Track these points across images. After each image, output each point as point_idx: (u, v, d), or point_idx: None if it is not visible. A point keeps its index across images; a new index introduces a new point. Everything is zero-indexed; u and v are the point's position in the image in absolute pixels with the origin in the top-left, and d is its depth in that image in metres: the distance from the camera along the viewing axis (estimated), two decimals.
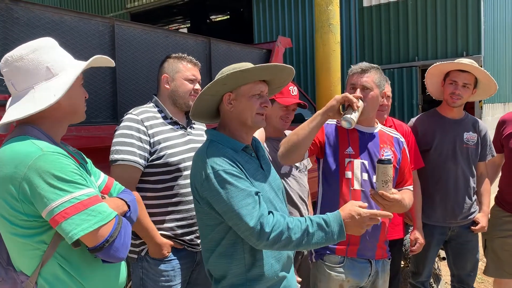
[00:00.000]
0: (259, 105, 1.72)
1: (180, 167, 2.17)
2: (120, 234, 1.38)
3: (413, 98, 7.75)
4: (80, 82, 1.50)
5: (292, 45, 5.22)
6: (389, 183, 1.94)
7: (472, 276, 3.07)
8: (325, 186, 2.30)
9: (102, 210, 1.36)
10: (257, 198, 1.61)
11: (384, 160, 1.93)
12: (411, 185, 2.36)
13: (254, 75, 1.70)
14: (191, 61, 2.33)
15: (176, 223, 2.17)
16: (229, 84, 1.69)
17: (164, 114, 2.25)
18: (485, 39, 7.39)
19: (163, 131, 2.19)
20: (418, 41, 7.72)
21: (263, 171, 1.79)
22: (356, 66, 2.27)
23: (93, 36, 2.84)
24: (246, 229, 1.58)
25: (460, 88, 2.84)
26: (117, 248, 1.37)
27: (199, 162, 1.68)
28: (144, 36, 3.15)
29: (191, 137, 2.29)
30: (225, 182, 1.59)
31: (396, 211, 2.15)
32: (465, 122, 2.99)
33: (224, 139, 1.73)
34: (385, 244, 2.30)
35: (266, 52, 4.21)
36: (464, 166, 2.92)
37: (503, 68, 8.78)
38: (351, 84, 2.25)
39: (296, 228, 1.61)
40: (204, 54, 3.57)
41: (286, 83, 1.91)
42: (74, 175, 1.34)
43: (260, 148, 1.90)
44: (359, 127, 2.28)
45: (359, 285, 2.25)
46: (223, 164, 1.62)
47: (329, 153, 2.26)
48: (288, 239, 1.60)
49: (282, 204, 1.85)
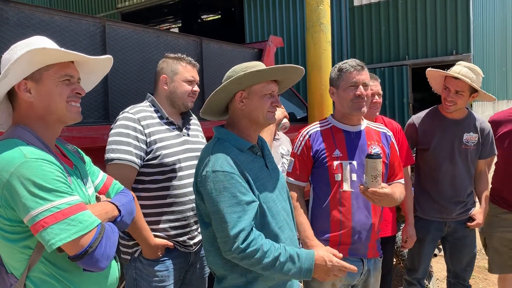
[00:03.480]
0: (270, 104, 1.76)
1: (175, 168, 2.15)
2: (101, 244, 1.34)
3: (403, 97, 7.81)
4: (59, 78, 1.42)
5: (284, 44, 5.24)
6: (379, 178, 1.95)
7: (468, 271, 3.05)
8: (315, 190, 2.30)
9: (83, 219, 1.33)
10: (246, 208, 1.61)
11: (373, 155, 1.93)
12: (402, 179, 2.36)
13: (269, 75, 1.75)
14: (190, 62, 2.31)
15: (170, 224, 2.17)
16: (244, 83, 1.72)
17: (160, 114, 2.23)
18: (474, 38, 7.46)
19: (160, 131, 2.17)
20: (408, 40, 7.78)
21: (267, 170, 1.81)
22: (352, 62, 2.23)
23: (83, 36, 2.82)
24: (224, 235, 1.60)
25: (452, 95, 2.78)
26: (97, 259, 1.34)
27: (204, 157, 1.71)
28: (135, 36, 3.14)
29: (187, 138, 2.28)
30: (220, 184, 1.61)
31: (386, 204, 2.17)
32: (466, 123, 2.92)
33: (231, 137, 1.75)
34: (376, 243, 2.31)
35: (258, 52, 4.21)
36: (462, 167, 2.89)
37: (492, 66, 8.88)
38: (351, 82, 2.20)
39: (269, 253, 1.62)
40: (196, 54, 3.57)
41: (294, 83, 1.94)
42: (56, 182, 1.31)
43: (266, 147, 1.92)
44: (344, 126, 2.28)
45: (351, 284, 2.26)
46: (224, 165, 1.63)
47: (317, 158, 2.26)
48: (258, 260, 1.60)
49: (285, 203, 1.87)
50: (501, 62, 9.68)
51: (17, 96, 1.42)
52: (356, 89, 2.19)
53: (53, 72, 1.41)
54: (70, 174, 1.46)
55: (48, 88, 1.41)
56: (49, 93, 1.41)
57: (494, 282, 4.30)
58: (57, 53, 1.40)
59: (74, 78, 1.47)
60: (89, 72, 1.59)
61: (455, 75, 2.72)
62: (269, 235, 1.71)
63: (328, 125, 2.33)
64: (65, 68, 1.44)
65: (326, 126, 2.33)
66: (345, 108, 2.25)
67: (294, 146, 2.35)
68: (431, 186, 2.94)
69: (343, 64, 2.25)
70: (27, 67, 1.37)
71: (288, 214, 1.87)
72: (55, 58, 1.41)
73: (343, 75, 2.24)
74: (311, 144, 2.28)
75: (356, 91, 2.19)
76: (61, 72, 1.42)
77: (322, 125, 2.34)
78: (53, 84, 1.41)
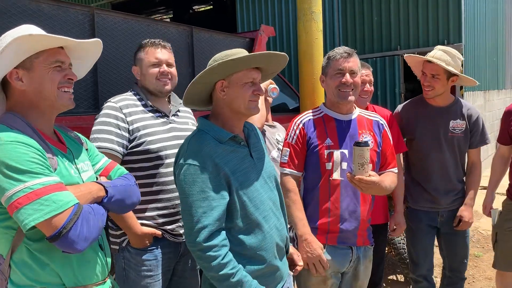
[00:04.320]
0: (251, 92, 1.72)
1: (161, 155, 2.14)
2: (76, 225, 1.32)
3: (395, 87, 7.82)
4: (50, 64, 1.44)
5: (276, 33, 5.22)
6: (366, 166, 1.95)
7: (465, 264, 2.99)
8: (306, 178, 2.30)
9: (58, 199, 1.31)
10: (214, 205, 1.61)
11: (360, 143, 1.92)
12: (395, 167, 2.35)
13: (245, 63, 1.70)
14: (153, 44, 2.23)
15: (158, 212, 2.16)
16: (221, 73, 1.69)
17: (144, 102, 2.22)
18: (466, 28, 7.48)
19: (143, 119, 2.16)
20: (400, 30, 7.78)
21: (252, 159, 1.79)
22: (339, 50, 2.22)
23: (72, 25, 2.78)
24: (188, 227, 1.62)
25: (429, 79, 2.74)
26: (72, 240, 1.31)
27: (181, 148, 1.72)
28: (125, 25, 3.10)
29: (174, 125, 2.26)
30: (190, 177, 1.62)
31: (375, 193, 2.17)
32: (452, 110, 2.85)
33: (212, 128, 1.73)
34: (367, 231, 2.32)
35: (249, 41, 4.19)
36: (450, 155, 2.84)
37: (483, 56, 8.91)
38: (338, 70, 2.19)
39: (225, 266, 1.61)
40: (187, 43, 3.54)
41: (280, 69, 1.91)
42: (30, 164, 1.31)
43: (253, 136, 1.89)
44: (336, 115, 2.27)
45: (340, 271, 2.27)
46: (197, 158, 1.63)
47: (309, 147, 2.26)
48: (211, 267, 1.60)
49: (271, 192, 1.85)
50: (492, 52, 9.71)
51: (9, 85, 1.44)
52: (342, 76, 2.18)
53: (44, 59, 1.42)
54: (59, 157, 1.47)
55: (40, 75, 1.42)
56: (41, 80, 1.42)
57: (483, 270, 4.36)
58: (45, 39, 1.40)
59: (65, 64, 1.49)
60: (80, 58, 1.59)
61: (428, 59, 2.68)
62: (252, 225, 1.71)
63: (320, 114, 2.32)
64: (56, 54, 1.45)
65: (318, 114, 2.32)
66: (332, 96, 2.25)
67: (288, 135, 2.33)
68: (420, 176, 2.91)
69: (332, 52, 2.25)
70: (16, 56, 1.37)
71: (275, 203, 1.86)
72: (43, 44, 1.41)
73: (330, 62, 2.24)
74: (305, 133, 2.27)
75: (342, 78, 2.17)
76: (51, 59, 1.43)
77: (315, 114, 2.33)
78: (44, 71, 1.42)
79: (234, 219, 1.69)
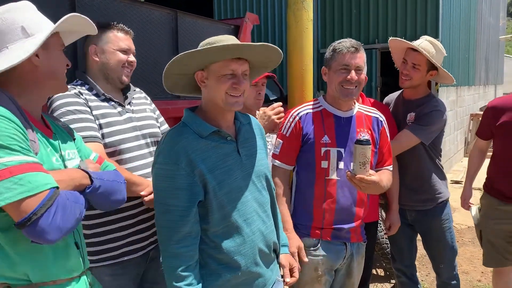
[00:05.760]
0: (230, 85, 1.56)
1: (121, 149, 1.91)
2: (49, 212, 1.18)
3: (372, 81, 7.87)
4: (60, 46, 1.44)
5: (260, 22, 5.10)
6: (367, 165, 1.89)
7: (443, 269, 2.86)
8: (300, 176, 2.21)
9: (33, 180, 1.18)
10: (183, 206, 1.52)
11: (363, 141, 1.85)
12: (390, 165, 2.30)
13: (214, 56, 1.54)
14: (123, 29, 2.01)
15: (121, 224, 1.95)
16: (192, 65, 1.56)
17: (96, 92, 1.94)
18: (443, 23, 7.58)
19: (99, 107, 1.90)
20: (379, 24, 7.81)
21: (238, 156, 1.65)
22: (346, 43, 2.10)
23: (50, 6, 2.59)
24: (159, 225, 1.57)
25: (409, 68, 2.61)
26: (42, 229, 1.17)
27: (159, 141, 1.64)
28: (107, 6, 2.92)
29: (131, 115, 2.01)
30: (161, 172, 1.54)
31: (373, 192, 2.12)
32: (415, 104, 2.71)
33: (194, 121, 1.60)
34: (360, 228, 2.27)
35: (234, 28, 4.06)
36: (411, 151, 2.66)
37: (457, 52, 9.08)
38: (343, 65, 2.08)
39: (182, 279, 1.52)
40: (170, 28, 3.38)
41: (274, 63, 1.74)
42: (9, 139, 1.20)
43: (246, 130, 1.76)
44: (335, 111, 2.18)
45: (333, 268, 2.21)
46: (170, 154, 1.52)
47: (305, 143, 2.16)
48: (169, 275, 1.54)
49: (258, 193, 1.72)
50: (465, 49, 9.93)
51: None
52: (347, 73, 2.08)
53: (57, 39, 1.43)
54: (42, 141, 1.37)
55: (55, 55, 1.42)
56: (56, 59, 1.43)
57: (459, 264, 4.43)
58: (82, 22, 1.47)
59: (64, 47, 1.50)
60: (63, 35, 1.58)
61: (414, 46, 2.59)
62: (230, 228, 1.60)
63: (319, 108, 2.22)
64: (60, 37, 1.46)
65: (317, 108, 2.22)
66: (334, 91, 2.16)
67: (283, 127, 2.22)
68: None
69: (338, 44, 2.13)
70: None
71: (261, 205, 1.72)
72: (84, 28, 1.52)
73: (336, 55, 2.12)
74: (301, 126, 2.17)
75: (347, 75, 2.08)
76: (60, 41, 1.46)
77: (314, 107, 2.23)
78: (57, 51, 1.43)
79: (210, 220, 1.58)
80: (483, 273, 4.25)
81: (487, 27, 13.02)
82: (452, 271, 2.87)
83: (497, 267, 2.99)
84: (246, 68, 1.61)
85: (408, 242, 2.92)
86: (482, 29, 12.13)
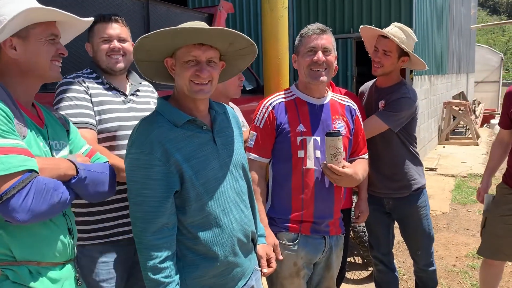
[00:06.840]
0: (192, 73, 1.51)
1: (117, 135, 1.99)
2: (21, 193, 1.22)
3: (347, 70, 7.88)
4: (46, 37, 1.44)
5: (235, 11, 5.01)
6: (338, 156, 1.87)
7: (420, 256, 2.86)
8: (276, 167, 2.15)
9: (8, 161, 1.22)
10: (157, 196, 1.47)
11: (333, 133, 1.84)
12: (365, 154, 2.28)
13: (175, 41, 1.48)
14: (104, 19, 2.07)
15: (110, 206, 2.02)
16: (154, 51, 1.52)
17: (101, 80, 2.07)
18: (417, 12, 7.63)
19: (100, 94, 2.02)
20: (354, 13, 7.81)
21: (214, 145, 1.62)
22: (312, 26, 2.07)
23: None
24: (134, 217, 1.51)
25: (380, 55, 2.58)
26: (12, 208, 1.22)
27: (132, 130, 1.57)
28: None
29: (133, 105, 2.10)
30: (135, 163, 1.49)
31: (347, 184, 2.10)
32: (386, 91, 2.67)
33: (168, 110, 1.56)
34: (339, 220, 2.25)
35: (208, 17, 3.97)
36: (379, 138, 2.63)
37: (430, 41, 9.18)
38: (310, 47, 2.05)
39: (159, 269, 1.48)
40: (142, 16, 3.27)
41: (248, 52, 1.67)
42: None
43: (221, 120, 1.72)
44: (308, 98, 2.14)
45: (312, 261, 2.18)
46: (144, 143, 1.48)
47: (280, 133, 2.10)
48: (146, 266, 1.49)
49: (236, 182, 1.69)
50: (438, 38, 10.04)
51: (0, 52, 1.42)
52: (314, 54, 2.04)
53: (41, 31, 1.43)
54: (31, 129, 1.41)
55: (35, 46, 1.42)
56: (37, 51, 1.43)
57: (435, 249, 4.49)
58: (51, 13, 1.42)
59: (58, 38, 1.50)
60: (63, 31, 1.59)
61: (383, 33, 2.58)
62: (208, 218, 1.57)
63: (292, 96, 2.18)
64: (51, 27, 1.47)
65: (290, 97, 2.17)
66: (304, 76, 2.12)
67: (256, 118, 2.17)
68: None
69: (304, 28, 2.11)
70: (17, 26, 1.37)
71: (240, 195, 1.70)
72: (46, 17, 1.43)
73: (302, 40, 2.10)
74: (275, 116, 2.11)
75: (314, 56, 2.04)
76: (48, 31, 1.45)
77: (286, 96, 2.18)
78: (40, 42, 1.43)
79: (187, 211, 1.54)
80: (458, 257, 4.33)
81: (459, 16, 13.21)
82: (429, 258, 2.89)
83: (490, 258, 2.92)
84: (212, 55, 1.55)
85: (385, 230, 2.92)
86: (455, 18, 12.30)
